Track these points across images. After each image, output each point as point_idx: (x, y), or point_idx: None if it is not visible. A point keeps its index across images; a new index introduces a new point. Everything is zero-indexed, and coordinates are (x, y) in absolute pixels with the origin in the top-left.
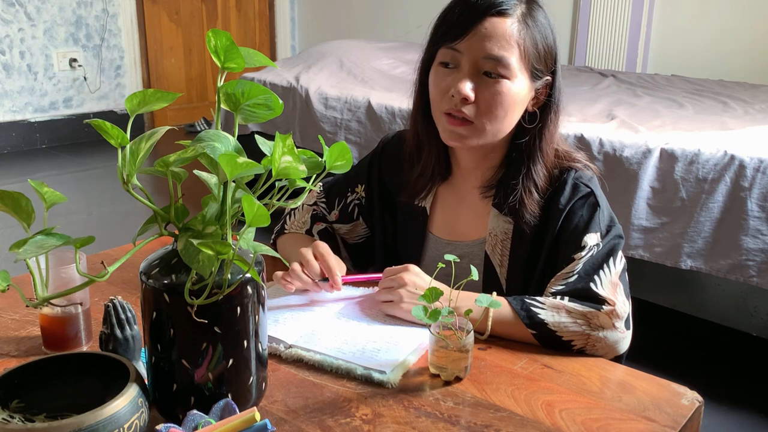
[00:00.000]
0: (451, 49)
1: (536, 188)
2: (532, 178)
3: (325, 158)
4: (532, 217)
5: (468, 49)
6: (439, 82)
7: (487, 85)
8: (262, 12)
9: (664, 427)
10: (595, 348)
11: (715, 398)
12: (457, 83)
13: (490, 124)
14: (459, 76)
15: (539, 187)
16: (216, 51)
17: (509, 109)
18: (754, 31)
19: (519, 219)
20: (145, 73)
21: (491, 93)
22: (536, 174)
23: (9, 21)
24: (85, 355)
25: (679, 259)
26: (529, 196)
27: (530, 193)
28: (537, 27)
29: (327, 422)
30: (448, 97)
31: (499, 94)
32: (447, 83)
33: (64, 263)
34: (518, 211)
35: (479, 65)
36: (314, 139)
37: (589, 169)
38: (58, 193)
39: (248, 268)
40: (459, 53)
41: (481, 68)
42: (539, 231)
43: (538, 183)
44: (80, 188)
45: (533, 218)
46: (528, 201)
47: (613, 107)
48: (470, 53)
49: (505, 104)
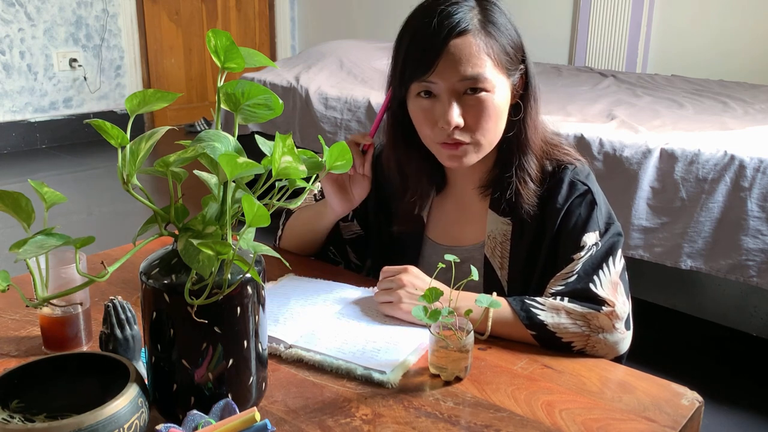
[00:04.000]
0: (425, 82)
1: (530, 178)
2: (525, 169)
3: (325, 158)
4: (531, 207)
5: (441, 77)
6: (424, 113)
7: (470, 104)
8: (262, 12)
9: (664, 427)
10: (595, 349)
11: (715, 398)
12: (444, 115)
13: (485, 138)
14: (442, 107)
15: (533, 176)
16: (216, 51)
17: (498, 118)
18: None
19: (518, 214)
20: (145, 73)
21: (477, 110)
22: (528, 164)
23: (9, 21)
24: (85, 355)
25: (679, 259)
26: (525, 186)
27: (525, 184)
28: (499, 29)
29: (327, 422)
30: (438, 129)
31: (486, 109)
32: (432, 115)
33: (64, 263)
34: (516, 205)
35: (457, 88)
36: (314, 139)
37: (581, 163)
38: (58, 193)
39: (248, 268)
40: (434, 84)
41: (460, 90)
42: (538, 231)
43: (531, 173)
44: (80, 188)
45: (532, 209)
46: (524, 192)
47: (613, 107)
48: (445, 80)
49: (493, 115)
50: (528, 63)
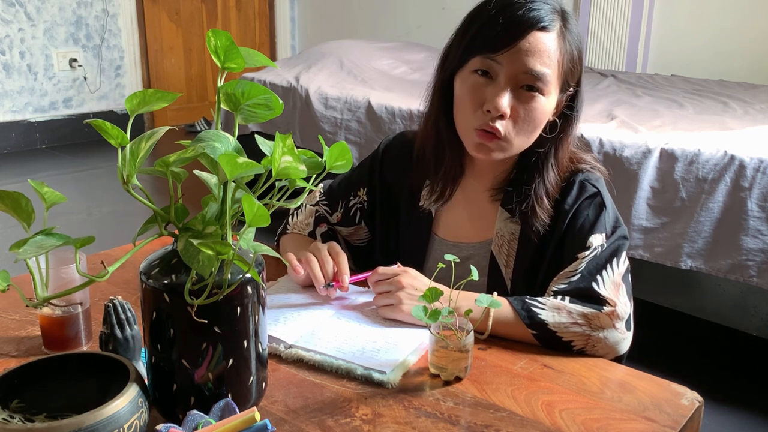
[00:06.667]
0: (490, 59)
1: (547, 196)
2: (545, 185)
3: (325, 158)
4: (541, 224)
5: (509, 62)
6: (474, 91)
7: (522, 100)
8: (262, 12)
9: (664, 427)
10: (596, 348)
11: (715, 398)
12: (495, 98)
13: (518, 139)
14: (496, 90)
15: (550, 194)
16: (216, 51)
17: (539, 124)
18: (753, 31)
19: (527, 224)
20: (145, 73)
21: (526, 109)
22: (548, 181)
23: (9, 21)
24: (85, 355)
25: (679, 259)
26: (541, 203)
27: (541, 201)
28: (573, 41)
29: (327, 422)
30: (482, 112)
31: (533, 110)
32: (482, 95)
33: (64, 263)
34: (528, 217)
35: (518, 79)
36: (314, 139)
37: (597, 171)
38: (58, 193)
39: (248, 268)
40: (499, 65)
41: (519, 82)
42: (546, 232)
43: (549, 190)
44: (80, 188)
45: (542, 226)
46: (539, 209)
47: (613, 107)
48: (510, 66)
49: (537, 120)
50: (581, 87)
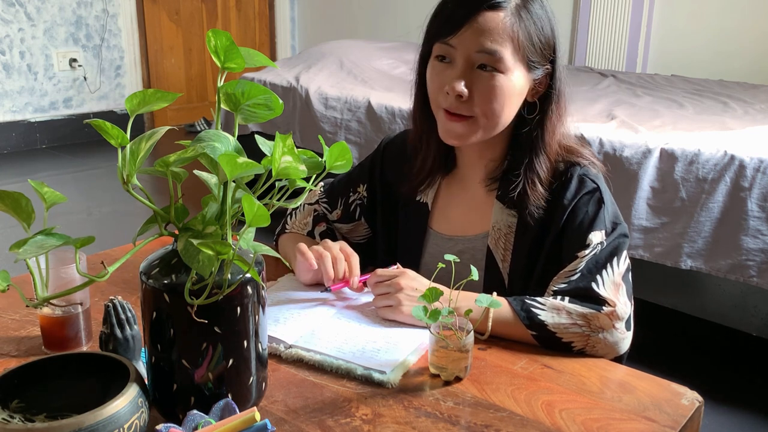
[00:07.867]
0: (445, 44)
1: (539, 180)
2: (534, 169)
3: (325, 158)
4: (537, 208)
5: (461, 43)
6: (435, 76)
7: (481, 79)
8: (262, 12)
9: (664, 427)
10: (595, 349)
11: (715, 398)
12: (451, 80)
13: (486, 119)
14: (453, 73)
15: (542, 178)
16: (216, 51)
17: (505, 103)
18: (753, 31)
19: (523, 211)
20: (145, 73)
21: (486, 87)
22: (538, 165)
23: (9, 21)
24: (85, 355)
25: (679, 259)
26: (532, 187)
27: (533, 184)
28: (532, 19)
29: (327, 422)
30: (443, 94)
31: (494, 88)
32: (442, 79)
33: (64, 263)
34: (522, 202)
35: (473, 59)
36: (314, 139)
37: (595, 166)
38: (58, 193)
39: (248, 268)
40: (453, 48)
41: (474, 62)
42: (543, 225)
43: (541, 174)
44: (80, 188)
45: (538, 210)
46: (531, 192)
47: (613, 107)
48: (463, 48)
49: (501, 98)
50: (557, 65)
